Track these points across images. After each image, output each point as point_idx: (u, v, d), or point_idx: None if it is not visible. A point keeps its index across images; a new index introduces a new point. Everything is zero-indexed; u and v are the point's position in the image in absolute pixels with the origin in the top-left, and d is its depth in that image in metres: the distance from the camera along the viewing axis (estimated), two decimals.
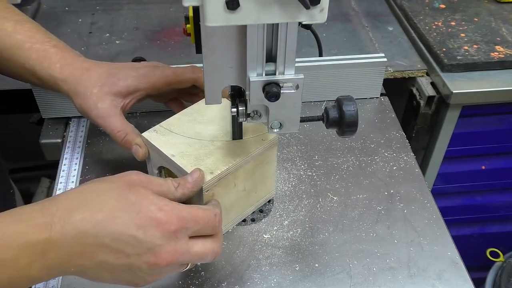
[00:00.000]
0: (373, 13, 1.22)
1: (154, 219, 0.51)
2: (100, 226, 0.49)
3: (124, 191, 0.52)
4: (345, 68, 0.91)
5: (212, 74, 0.57)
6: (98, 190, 0.52)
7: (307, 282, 0.67)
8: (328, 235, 0.73)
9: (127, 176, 0.55)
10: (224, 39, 0.54)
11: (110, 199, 0.51)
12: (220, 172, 0.63)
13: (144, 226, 0.51)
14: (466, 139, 1.08)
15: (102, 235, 0.49)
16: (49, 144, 0.88)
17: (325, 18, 0.49)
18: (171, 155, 0.64)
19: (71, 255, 0.49)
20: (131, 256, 0.51)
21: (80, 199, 0.51)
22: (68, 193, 0.53)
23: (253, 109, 0.59)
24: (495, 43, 1.05)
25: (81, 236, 0.49)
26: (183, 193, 0.58)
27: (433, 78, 1.03)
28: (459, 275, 0.68)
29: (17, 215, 0.49)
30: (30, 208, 0.50)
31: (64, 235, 0.48)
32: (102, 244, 0.49)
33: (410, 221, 0.75)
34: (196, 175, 0.60)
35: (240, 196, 0.70)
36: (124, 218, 0.50)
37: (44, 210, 0.49)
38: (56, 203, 0.50)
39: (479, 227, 1.30)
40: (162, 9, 1.22)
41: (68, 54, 0.75)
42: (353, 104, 0.61)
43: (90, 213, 0.50)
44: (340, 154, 0.85)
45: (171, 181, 0.58)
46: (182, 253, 0.53)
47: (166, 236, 0.51)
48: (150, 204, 0.52)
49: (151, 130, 0.68)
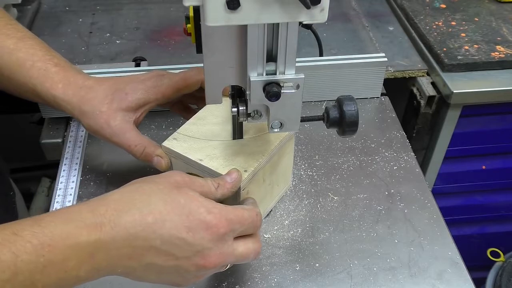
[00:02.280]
0: (374, 13, 1.22)
1: (204, 222, 0.51)
2: (150, 229, 0.49)
3: (172, 193, 0.52)
4: (346, 68, 0.91)
5: (212, 74, 0.57)
6: (146, 192, 0.52)
7: (308, 282, 0.67)
8: (329, 235, 0.73)
9: (171, 177, 0.55)
10: (224, 39, 0.54)
11: (159, 201, 0.51)
12: (253, 169, 0.63)
13: (194, 229, 0.51)
14: (467, 139, 1.08)
15: (152, 238, 0.49)
16: (50, 144, 0.88)
17: (325, 18, 0.49)
18: (199, 159, 0.64)
19: (120, 257, 0.49)
20: (180, 258, 0.51)
21: (129, 200, 0.50)
22: (114, 194, 0.52)
23: (253, 109, 0.59)
24: (496, 43, 1.05)
25: (131, 238, 0.49)
26: (223, 193, 0.58)
27: (433, 78, 1.03)
28: (460, 275, 0.68)
29: (65, 215, 0.48)
30: (78, 208, 0.49)
31: (114, 237, 0.48)
32: (152, 247, 0.50)
33: (410, 221, 0.75)
34: (235, 176, 0.60)
35: (267, 190, 0.71)
36: (174, 221, 0.50)
37: (94, 211, 0.48)
38: (104, 204, 0.50)
39: (479, 227, 1.30)
40: (163, 9, 1.22)
41: (70, 73, 0.72)
42: (353, 104, 0.61)
43: (140, 215, 0.49)
44: (341, 154, 0.85)
45: (211, 182, 0.58)
46: (229, 255, 0.54)
47: (215, 239, 0.52)
48: (199, 207, 0.52)
49: (170, 139, 0.67)
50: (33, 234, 0.45)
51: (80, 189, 0.79)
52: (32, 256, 0.44)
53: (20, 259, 0.44)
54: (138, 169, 0.82)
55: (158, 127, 0.89)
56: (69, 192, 0.78)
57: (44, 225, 0.46)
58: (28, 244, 0.44)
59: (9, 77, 0.72)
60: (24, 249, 0.44)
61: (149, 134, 0.88)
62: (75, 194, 0.78)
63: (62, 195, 0.77)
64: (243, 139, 0.67)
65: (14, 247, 0.44)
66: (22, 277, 0.44)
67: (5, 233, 0.45)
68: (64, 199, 0.77)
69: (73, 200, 0.77)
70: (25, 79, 0.71)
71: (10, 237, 0.45)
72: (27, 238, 0.45)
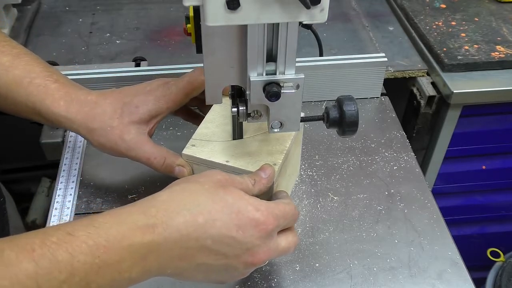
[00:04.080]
0: (374, 13, 1.22)
1: (253, 220, 0.52)
2: (202, 229, 0.49)
3: (219, 192, 0.52)
4: (346, 68, 0.91)
5: (212, 74, 0.57)
6: (193, 192, 0.52)
7: (308, 282, 0.67)
8: (329, 235, 0.73)
9: (213, 176, 0.55)
10: (224, 39, 0.54)
11: (207, 201, 0.51)
12: (281, 161, 0.64)
13: (244, 227, 0.51)
14: (467, 139, 1.08)
15: (203, 238, 0.50)
16: (50, 144, 0.88)
17: (325, 18, 0.49)
18: (225, 161, 0.64)
19: (171, 258, 0.49)
20: (230, 257, 0.52)
21: (178, 201, 0.51)
22: (162, 195, 0.52)
23: (253, 109, 0.59)
24: (496, 43, 1.05)
25: (183, 239, 0.49)
26: (260, 189, 0.59)
27: (433, 78, 1.03)
28: (460, 275, 0.68)
29: (117, 216, 0.48)
30: (127, 210, 0.49)
31: (167, 238, 0.48)
32: (203, 247, 0.50)
33: (410, 221, 0.75)
34: (269, 170, 0.60)
35: (287, 181, 0.71)
36: (224, 220, 0.50)
37: (145, 212, 0.49)
38: (154, 205, 0.50)
39: (479, 227, 1.30)
40: (163, 9, 1.22)
41: (71, 89, 0.69)
42: (353, 104, 0.61)
43: (191, 216, 0.49)
44: (341, 154, 0.85)
45: (248, 179, 0.58)
46: (274, 250, 0.54)
47: (263, 236, 0.52)
48: (247, 205, 0.52)
49: (189, 146, 0.66)
50: (88, 235, 0.45)
51: (80, 189, 0.79)
52: (88, 257, 0.44)
53: (77, 259, 0.44)
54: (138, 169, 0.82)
55: (158, 128, 0.88)
56: (69, 192, 0.78)
57: (98, 226, 0.46)
58: (83, 245, 0.44)
59: (6, 96, 0.68)
60: (80, 250, 0.44)
61: None
62: (75, 194, 0.78)
63: (62, 195, 0.77)
64: (260, 135, 0.67)
65: (70, 247, 0.44)
66: (78, 277, 0.44)
67: (60, 233, 0.45)
68: (64, 199, 0.77)
69: (73, 200, 0.77)
70: (24, 97, 0.67)
71: (66, 237, 0.45)
72: (82, 238, 0.45)
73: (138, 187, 0.79)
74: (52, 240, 0.44)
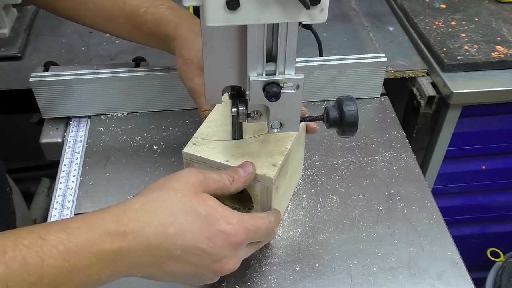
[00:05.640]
0: (374, 13, 1.22)
1: (223, 233, 0.53)
2: (172, 240, 0.51)
3: (192, 202, 0.53)
4: (346, 68, 0.91)
5: (212, 74, 0.57)
6: (166, 201, 0.53)
7: (308, 282, 0.67)
8: (329, 235, 0.73)
9: (188, 181, 0.55)
10: (224, 39, 0.54)
11: (180, 212, 0.52)
12: (281, 162, 0.64)
13: (214, 239, 0.53)
14: (467, 139, 1.08)
15: (173, 248, 0.51)
16: (50, 144, 0.88)
17: (325, 18, 0.49)
18: (226, 161, 0.64)
19: (140, 264, 0.51)
20: (199, 266, 0.53)
21: (150, 211, 0.52)
22: (135, 203, 0.52)
23: (253, 109, 0.59)
24: (496, 43, 1.05)
25: (153, 248, 0.50)
26: (237, 187, 0.59)
27: (433, 78, 1.03)
28: (460, 275, 0.68)
29: (90, 222, 0.49)
30: (101, 216, 0.50)
31: (136, 246, 0.49)
32: (173, 256, 0.52)
33: (410, 221, 0.75)
34: (250, 169, 0.61)
35: (288, 182, 0.71)
36: (195, 232, 0.52)
37: (117, 221, 0.50)
38: (126, 213, 0.51)
39: (479, 227, 1.30)
40: None
41: (182, 13, 0.76)
42: (353, 104, 0.61)
43: (162, 226, 0.51)
44: (341, 154, 0.85)
45: (226, 176, 0.59)
46: (242, 259, 0.57)
47: (232, 247, 0.54)
48: (219, 218, 0.54)
49: (190, 145, 0.66)
50: (59, 239, 0.47)
51: (80, 189, 0.79)
52: (58, 261, 0.46)
53: (47, 263, 0.45)
54: (138, 169, 0.82)
55: (158, 127, 0.89)
56: (69, 192, 0.78)
57: (70, 232, 0.47)
58: (54, 250, 0.46)
59: (124, 25, 0.78)
60: (51, 254, 0.46)
61: (149, 135, 0.88)
62: (75, 194, 0.78)
63: (62, 195, 0.77)
64: (262, 135, 0.67)
65: (41, 251, 0.45)
66: (47, 280, 0.45)
67: (32, 236, 0.46)
68: (64, 199, 0.77)
69: (73, 200, 0.77)
70: (140, 24, 0.76)
71: (37, 241, 0.46)
72: (53, 243, 0.46)
73: (138, 187, 0.79)
74: (24, 243, 0.45)
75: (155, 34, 0.76)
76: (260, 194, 0.64)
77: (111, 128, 0.89)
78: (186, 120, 0.91)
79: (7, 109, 1.04)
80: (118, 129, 0.89)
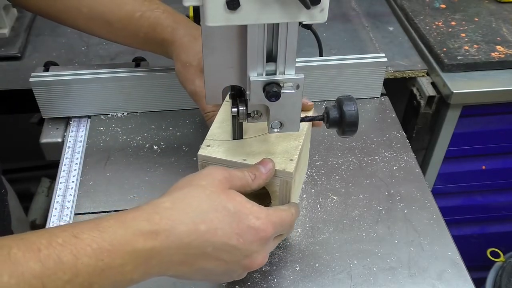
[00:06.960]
0: (374, 13, 1.22)
1: (253, 228, 0.54)
2: (203, 238, 0.51)
3: (221, 199, 0.53)
4: (346, 68, 0.91)
5: (212, 74, 0.57)
6: (195, 199, 0.53)
7: (308, 282, 0.67)
8: (329, 235, 0.73)
9: (214, 178, 0.55)
10: (224, 39, 0.54)
11: (210, 209, 0.52)
12: (297, 156, 0.64)
13: (244, 235, 0.53)
14: (467, 139, 1.08)
15: (204, 246, 0.51)
16: (50, 144, 0.88)
17: (325, 18, 0.49)
18: (243, 160, 0.63)
19: (172, 263, 0.51)
20: (229, 262, 0.54)
21: (181, 209, 0.52)
22: (165, 201, 0.52)
23: (253, 109, 0.59)
24: (496, 43, 1.05)
25: (185, 246, 0.50)
26: (259, 184, 0.60)
27: (433, 78, 1.03)
28: (460, 275, 0.68)
29: (122, 220, 0.49)
30: (132, 215, 0.50)
31: (169, 245, 0.49)
32: (204, 253, 0.52)
33: (410, 221, 0.75)
34: (270, 166, 0.61)
35: (299, 176, 0.72)
36: (226, 228, 0.52)
37: (149, 219, 0.50)
38: (158, 212, 0.51)
39: (479, 227, 1.30)
40: None
41: (178, 17, 0.76)
42: (353, 104, 0.61)
43: (194, 224, 0.51)
44: (341, 154, 0.85)
45: (248, 174, 0.59)
46: (269, 253, 0.58)
47: (262, 242, 0.55)
48: (248, 214, 0.54)
49: (204, 147, 0.66)
50: (93, 238, 0.47)
51: (80, 189, 0.79)
52: (92, 260, 0.46)
53: (81, 261, 0.45)
54: (138, 169, 0.82)
55: (158, 127, 0.89)
56: (69, 192, 0.78)
57: (103, 230, 0.48)
58: (88, 248, 0.46)
59: (120, 29, 0.78)
60: (84, 252, 0.46)
61: (149, 135, 0.88)
62: (75, 194, 0.78)
63: (62, 195, 0.77)
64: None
65: (75, 249, 0.45)
66: (81, 278, 0.46)
67: (65, 234, 0.46)
68: (64, 199, 0.77)
69: (73, 200, 0.77)
70: (136, 28, 0.76)
71: (71, 239, 0.46)
72: (87, 241, 0.46)
73: (138, 187, 0.79)
74: (58, 242, 0.46)
75: (152, 39, 0.76)
76: (279, 189, 0.64)
77: (111, 128, 0.89)
78: (186, 120, 0.91)
79: (7, 109, 1.04)
80: (118, 129, 0.89)
